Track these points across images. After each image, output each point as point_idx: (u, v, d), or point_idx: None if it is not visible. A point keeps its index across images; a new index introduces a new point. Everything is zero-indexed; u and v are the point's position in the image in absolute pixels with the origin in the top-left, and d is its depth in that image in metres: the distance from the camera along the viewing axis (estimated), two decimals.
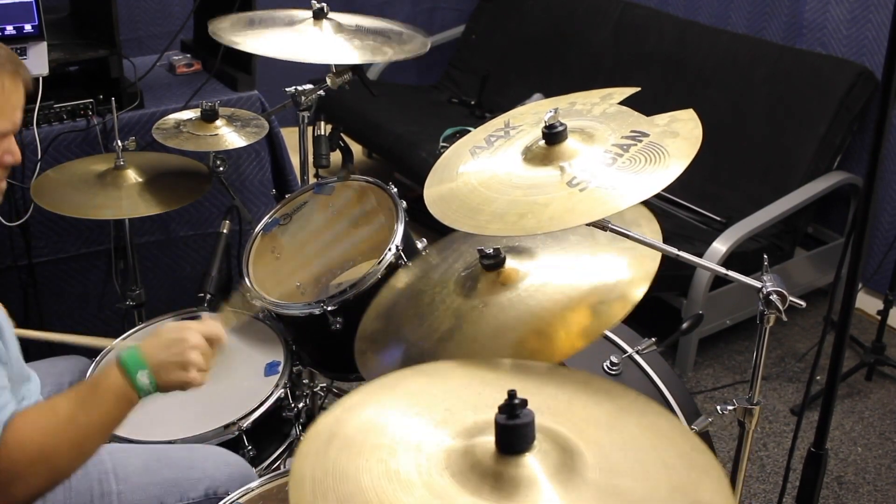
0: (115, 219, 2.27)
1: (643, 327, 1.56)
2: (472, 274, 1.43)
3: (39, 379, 1.57)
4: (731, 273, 1.27)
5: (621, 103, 1.36)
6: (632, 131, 1.27)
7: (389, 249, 1.83)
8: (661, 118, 1.29)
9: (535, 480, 0.95)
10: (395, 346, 1.45)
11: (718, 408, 1.37)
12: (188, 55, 2.80)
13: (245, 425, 1.75)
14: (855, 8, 3.15)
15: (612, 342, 1.68)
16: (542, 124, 1.26)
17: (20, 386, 1.44)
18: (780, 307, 1.22)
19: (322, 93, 2.16)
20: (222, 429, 1.73)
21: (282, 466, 1.87)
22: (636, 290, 1.29)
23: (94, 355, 1.88)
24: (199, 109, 2.20)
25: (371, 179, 2.08)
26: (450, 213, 1.26)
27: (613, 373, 1.64)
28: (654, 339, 1.70)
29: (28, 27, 2.27)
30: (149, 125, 2.30)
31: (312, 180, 2.23)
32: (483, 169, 1.32)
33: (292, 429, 1.92)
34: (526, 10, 4.25)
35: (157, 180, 2.13)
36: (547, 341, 1.27)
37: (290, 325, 1.97)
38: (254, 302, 1.93)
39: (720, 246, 2.80)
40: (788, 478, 1.80)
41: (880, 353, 2.87)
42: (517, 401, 0.97)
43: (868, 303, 3.19)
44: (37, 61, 2.23)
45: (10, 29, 2.26)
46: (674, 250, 1.26)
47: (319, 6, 2.05)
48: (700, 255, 2.44)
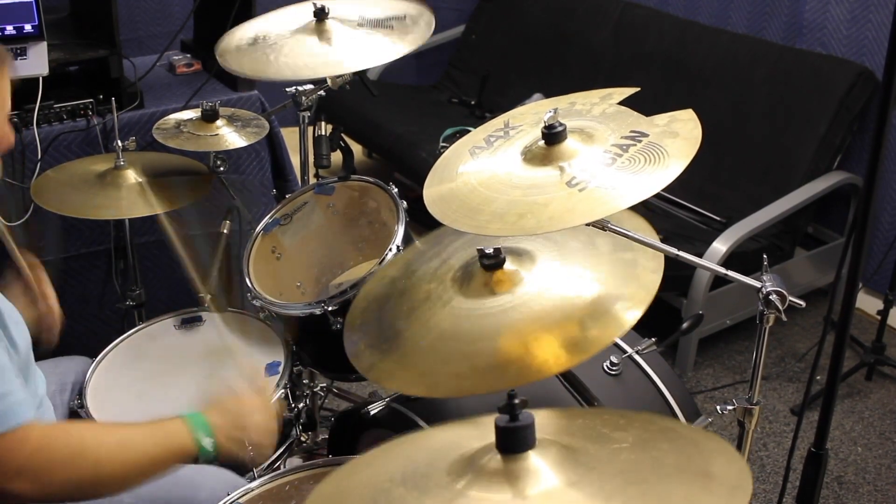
0: (115, 219, 2.27)
1: (643, 327, 1.55)
2: (469, 270, 1.42)
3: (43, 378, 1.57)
4: (731, 273, 1.27)
5: (621, 103, 1.36)
6: (631, 131, 1.27)
7: (390, 249, 1.83)
8: (661, 118, 1.29)
9: (541, 470, 0.95)
10: (383, 336, 1.44)
11: (718, 408, 1.37)
12: (188, 55, 2.80)
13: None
14: (855, 8, 3.15)
15: (613, 342, 1.68)
16: (542, 124, 1.26)
17: (26, 380, 1.44)
18: (780, 307, 1.21)
19: (322, 93, 2.16)
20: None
21: (282, 466, 1.86)
22: (629, 313, 1.24)
23: (95, 355, 1.88)
24: (200, 109, 2.20)
25: (371, 179, 2.08)
26: (450, 213, 1.26)
27: (613, 373, 1.64)
28: (654, 339, 1.70)
29: (28, 27, 2.27)
30: (149, 125, 2.30)
31: (313, 180, 2.23)
32: (483, 169, 1.32)
33: (292, 429, 1.92)
34: (526, 10, 4.25)
35: (157, 180, 2.13)
36: (533, 353, 1.25)
37: (290, 326, 1.97)
38: (254, 302, 1.93)
39: (720, 246, 2.80)
40: (788, 478, 1.80)
41: (880, 353, 2.87)
42: (517, 401, 0.97)
43: (868, 303, 3.19)
44: (37, 61, 2.23)
45: (10, 29, 2.26)
46: (674, 250, 1.26)
47: (320, 6, 2.04)
48: (700, 255, 2.44)
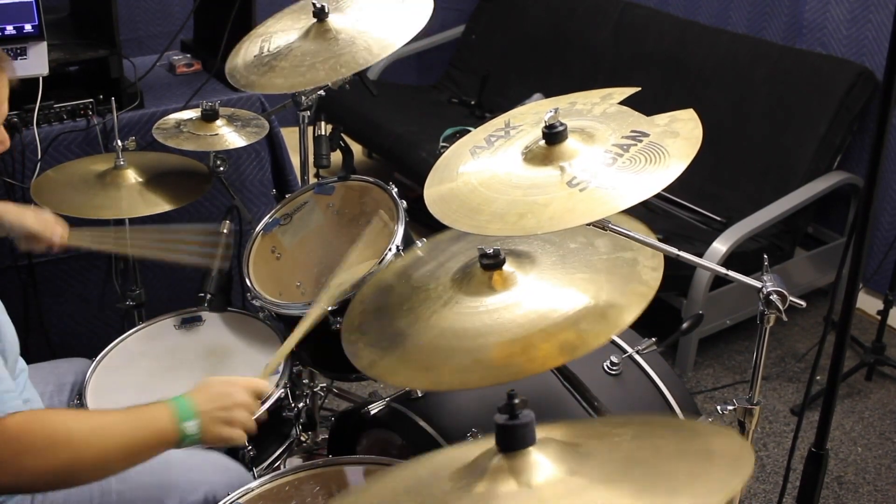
0: (115, 219, 2.26)
1: (643, 327, 1.55)
2: (469, 270, 1.42)
3: (41, 380, 1.57)
4: (731, 273, 1.27)
5: (621, 103, 1.36)
6: (632, 131, 1.27)
7: (389, 249, 1.83)
8: (661, 118, 1.29)
9: (542, 463, 0.95)
10: (383, 335, 1.44)
11: (718, 408, 1.37)
12: (188, 55, 2.80)
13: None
14: (855, 8, 3.15)
15: (613, 342, 1.68)
16: (542, 124, 1.26)
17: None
18: (780, 307, 1.21)
19: (322, 93, 2.16)
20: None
21: (282, 466, 1.87)
22: (625, 316, 1.24)
23: (94, 356, 1.88)
24: (200, 109, 2.20)
25: (371, 179, 2.08)
26: (450, 213, 1.26)
27: (613, 373, 1.64)
28: (654, 339, 1.70)
29: (28, 27, 2.27)
30: (149, 125, 2.30)
31: (313, 180, 2.23)
32: (483, 169, 1.32)
33: (292, 429, 1.92)
34: (526, 10, 4.25)
35: (157, 180, 2.13)
36: (524, 351, 1.25)
37: (290, 326, 1.97)
38: (254, 302, 1.93)
39: (720, 246, 2.80)
40: (788, 478, 1.80)
41: (880, 353, 2.87)
42: (517, 401, 0.97)
43: (868, 303, 3.19)
44: (37, 61, 2.23)
45: (10, 29, 2.26)
46: (674, 250, 1.26)
47: (320, 6, 2.04)
48: (700, 255, 2.44)
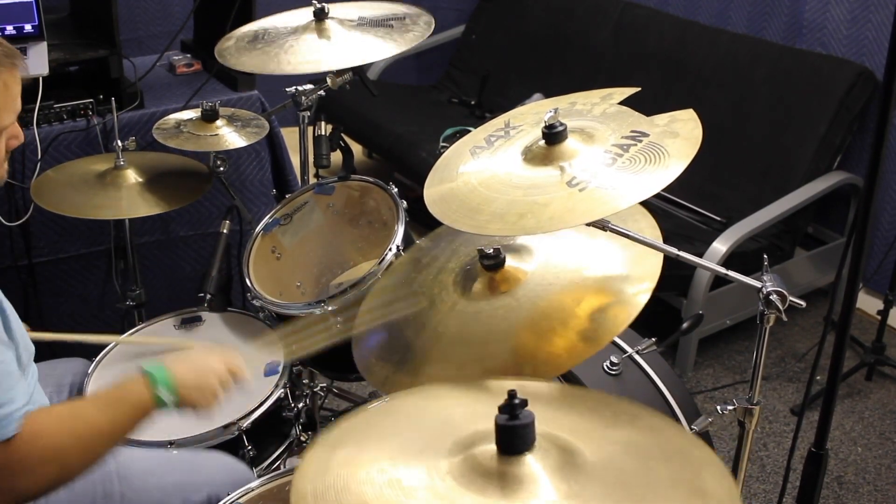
0: (115, 219, 2.27)
1: (643, 327, 1.55)
2: (470, 272, 1.42)
3: (41, 380, 1.56)
4: (731, 273, 1.27)
5: (621, 103, 1.36)
6: (632, 131, 1.27)
7: (390, 249, 1.83)
8: (661, 118, 1.29)
9: (538, 477, 0.95)
10: (392, 348, 1.45)
11: (718, 408, 1.37)
12: (188, 55, 2.80)
13: (245, 425, 1.75)
14: (855, 8, 3.15)
15: (613, 342, 1.68)
16: (542, 124, 1.26)
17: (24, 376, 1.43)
18: (780, 307, 1.21)
19: (322, 93, 2.16)
20: (222, 429, 1.73)
21: (282, 466, 1.87)
22: (638, 296, 1.27)
23: (93, 356, 1.88)
24: (200, 109, 2.20)
25: (371, 179, 2.08)
26: (450, 213, 1.26)
27: (613, 373, 1.64)
28: (654, 339, 1.70)
29: (28, 27, 2.27)
30: (149, 125, 2.30)
31: (313, 180, 2.23)
32: (483, 169, 1.32)
33: (292, 429, 1.92)
34: (526, 10, 4.25)
35: (157, 180, 2.13)
36: (546, 347, 1.26)
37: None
38: (254, 302, 1.93)
39: (720, 246, 2.80)
40: (788, 478, 1.80)
41: (880, 353, 2.87)
42: (517, 401, 0.97)
43: (868, 303, 3.19)
44: (37, 61, 2.23)
45: (10, 29, 2.27)
46: (674, 250, 1.26)
47: (320, 6, 2.05)
48: (700, 255, 2.44)
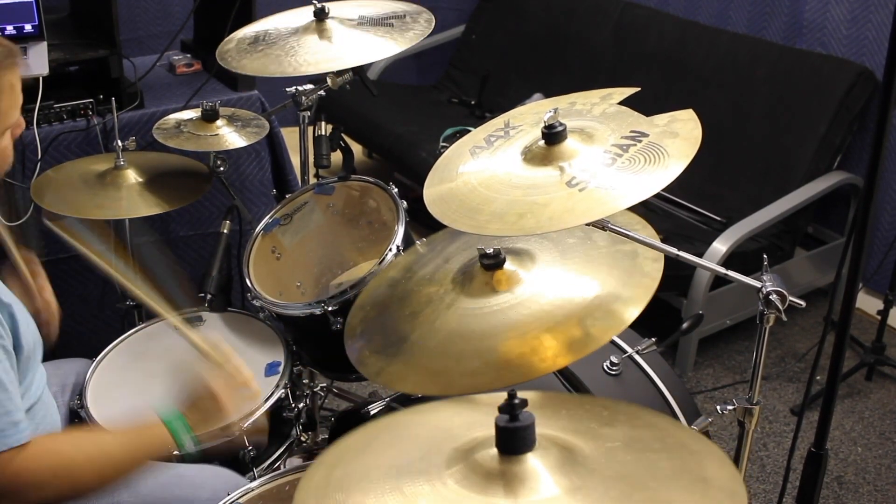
0: (114, 219, 2.26)
1: (643, 327, 1.55)
2: (469, 271, 1.42)
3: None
4: (731, 273, 1.27)
5: (621, 103, 1.36)
6: (631, 131, 1.27)
7: (390, 249, 1.83)
8: (661, 118, 1.29)
9: (540, 474, 0.95)
10: (387, 342, 1.44)
11: (718, 408, 1.37)
12: (188, 55, 2.80)
13: (245, 425, 1.74)
14: (855, 8, 3.15)
15: (612, 342, 1.68)
16: (542, 124, 1.26)
17: (27, 376, 1.44)
18: (780, 307, 1.21)
19: (322, 93, 2.16)
20: (222, 429, 1.73)
21: (282, 467, 1.87)
22: (629, 310, 1.26)
23: (94, 356, 1.88)
24: (200, 109, 2.20)
25: (371, 179, 2.08)
26: (450, 213, 1.26)
27: (613, 373, 1.64)
28: (654, 339, 1.70)
29: (28, 27, 2.27)
30: (149, 125, 2.30)
31: (313, 180, 2.23)
32: (483, 169, 1.32)
33: (292, 429, 1.92)
34: (526, 10, 4.25)
35: (157, 180, 2.13)
36: (531, 351, 1.26)
37: (290, 326, 1.97)
38: (254, 302, 1.93)
39: (720, 246, 2.80)
40: (788, 478, 1.80)
41: (880, 353, 2.87)
42: (517, 401, 0.97)
43: (868, 303, 3.19)
44: (37, 61, 2.23)
45: (10, 29, 2.26)
46: (674, 250, 1.26)
47: (321, 6, 2.04)
48: (700, 255, 2.44)
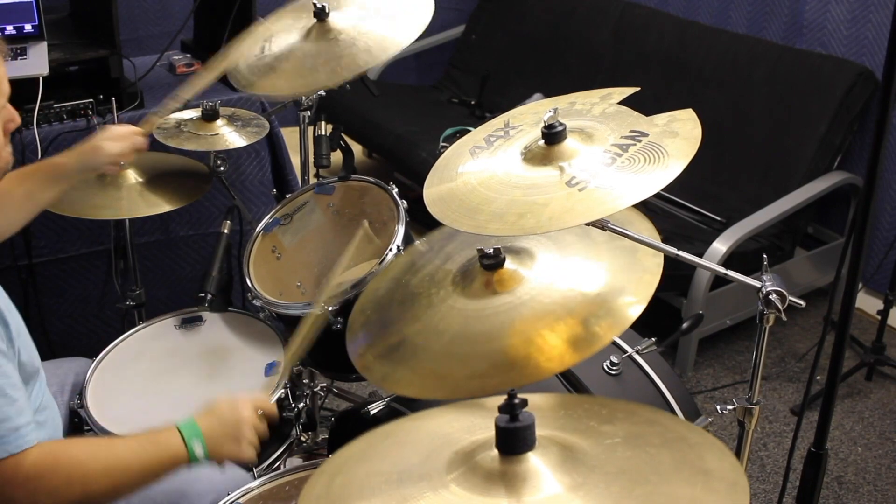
0: (115, 219, 2.27)
1: (643, 327, 1.55)
2: (468, 273, 1.42)
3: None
4: (731, 273, 1.27)
5: (621, 103, 1.36)
6: (631, 131, 1.27)
7: (390, 250, 1.83)
8: (661, 118, 1.28)
9: (541, 473, 0.95)
10: (390, 346, 1.44)
11: (718, 408, 1.37)
12: (188, 55, 2.80)
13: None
14: (855, 8, 3.15)
15: (612, 342, 1.68)
16: (542, 124, 1.26)
17: (26, 386, 1.43)
18: (780, 307, 1.21)
19: (322, 93, 2.16)
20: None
21: (282, 467, 1.86)
22: (631, 309, 1.26)
23: (94, 356, 1.88)
24: (200, 109, 2.20)
25: (371, 179, 2.08)
26: (450, 213, 1.26)
27: (613, 373, 1.64)
28: (654, 339, 1.70)
29: (28, 27, 2.27)
30: None
31: (313, 180, 2.23)
32: (483, 169, 1.32)
33: (292, 429, 1.92)
34: (526, 10, 4.25)
35: (157, 180, 2.13)
36: (537, 351, 1.26)
37: (290, 326, 1.97)
38: (254, 302, 1.93)
39: (720, 246, 2.80)
40: (788, 478, 1.80)
41: (880, 353, 2.87)
42: (517, 401, 0.97)
43: (868, 303, 3.19)
44: (37, 61, 2.23)
45: (10, 29, 2.27)
46: (674, 250, 1.26)
47: (321, 6, 2.04)
48: (700, 255, 2.44)
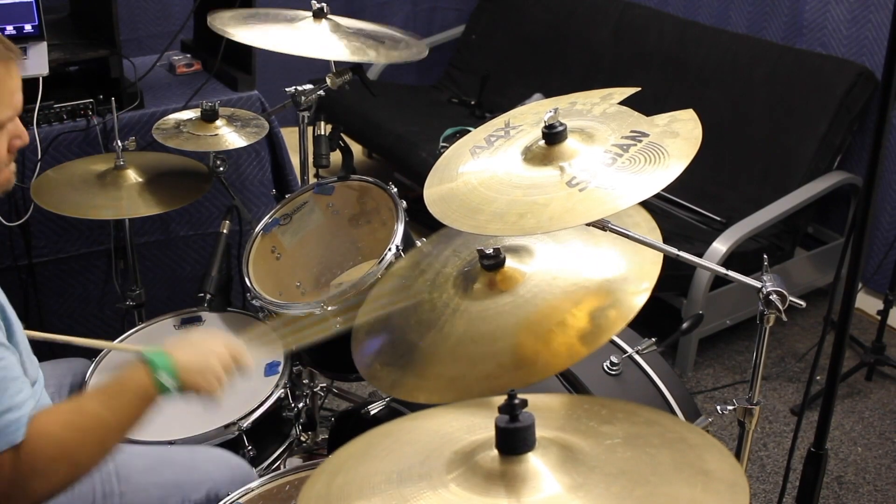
0: (115, 219, 2.27)
1: (643, 327, 1.55)
2: (470, 273, 1.42)
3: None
4: (731, 273, 1.27)
5: (621, 103, 1.36)
6: (632, 131, 1.27)
7: (389, 249, 1.83)
8: (661, 118, 1.29)
9: (541, 473, 0.95)
10: (397, 353, 1.45)
11: (718, 408, 1.37)
12: (188, 55, 2.80)
13: (245, 425, 1.75)
14: (855, 8, 3.15)
15: (612, 342, 1.68)
16: (542, 124, 1.26)
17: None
18: (780, 307, 1.21)
19: (322, 93, 2.16)
20: (222, 429, 1.73)
21: (282, 466, 1.87)
22: (636, 298, 1.27)
23: (93, 356, 1.88)
24: (200, 109, 2.20)
25: (371, 179, 2.08)
26: (450, 213, 1.26)
27: (613, 373, 1.64)
28: (654, 339, 1.70)
29: (28, 27, 2.27)
30: (149, 125, 2.30)
31: (312, 180, 2.23)
32: (483, 169, 1.32)
33: (292, 429, 1.92)
34: (526, 10, 4.24)
35: (157, 180, 2.13)
36: (544, 347, 1.26)
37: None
38: (254, 302, 1.93)
39: (720, 246, 2.80)
40: (788, 478, 1.80)
41: (880, 353, 2.87)
42: (517, 401, 0.97)
43: (868, 303, 3.19)
44: (37, 61, 2.23)
45: (10, 29, 2.27)
46: (674, 250, 1.26)
47: (320, 6, 2.05)
48: (700, 255, 2.44)
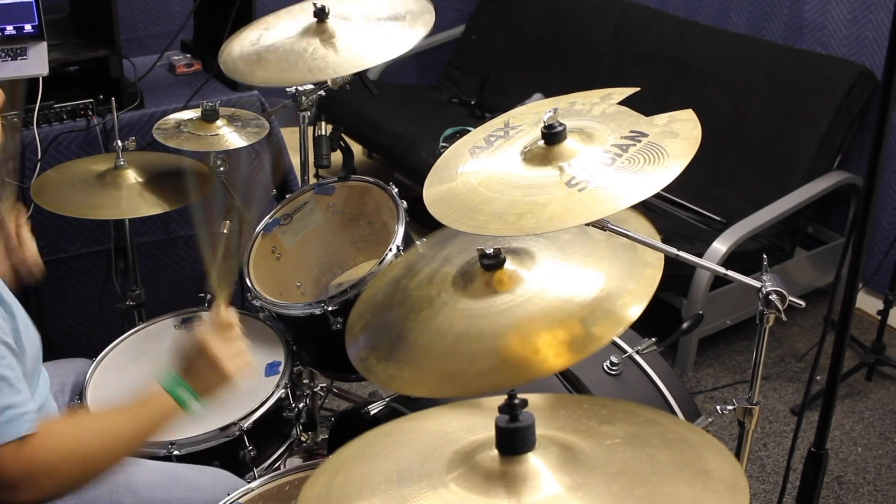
0: (115, 219, 2.27)
1: (643, 327, 1.55)
2: (468, 274, 1.42)
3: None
4: (731, 273, 1.27)
5: (621, 103, 1.36)
6: (631, 131, 1.27)
7: (390, 249, 1.83)
8: (661, 118, 1.29)
9: (541, 473, 0.95)
10: (393, 348, 1.44)
11: (718, 408, 1.37)
12: (188, 55, 2.80)
13: (245, 425, 1.75)
14: (855, 8, 3.15)
15: (613, 342, 1.68)
16: (542, 124, 1.26)
17: (30, 383, 1.44)
18: (780, 307, 1.21)
19: (322, 93, 2.16)
20: (223, 429, 1.73)
21: (282, 467, 1.87)
22: (630, 310, 1.25)
23: (95, 355, 1.88)
24: (200, 109, 2.20)
25: (372, 179, 2.09)
26: (449, 213, 1.26)
27: (613, 373, 1.64)
28: (654, 339, 1.70)
29: (28, 27, 2.27)
30: (149, 125, 2.30)
31: (313, 180, 2.24)
32: (483, 169, 1.32)
33: (293, 429, 1.92)
34: (526, 10, 4.25)
35: (157, 180, 2.13)
36: (558, 338, 1.26)
37: (290, 326, 1.97)
38: (254, 302, 1.93)
39: (720, 246, 2.80)
40: (788, 478, 1.80)
41: (880, 353, 2.87)
42: (517, 401, 0.97)
43: (868, 303, 3.19)
44: (37, 61, 2.23)
45: (10, 29, 2.26)
46: (674, 250, 1.26)
47: (320, 6, 2.04)
48: (700, 255, 2.44)
